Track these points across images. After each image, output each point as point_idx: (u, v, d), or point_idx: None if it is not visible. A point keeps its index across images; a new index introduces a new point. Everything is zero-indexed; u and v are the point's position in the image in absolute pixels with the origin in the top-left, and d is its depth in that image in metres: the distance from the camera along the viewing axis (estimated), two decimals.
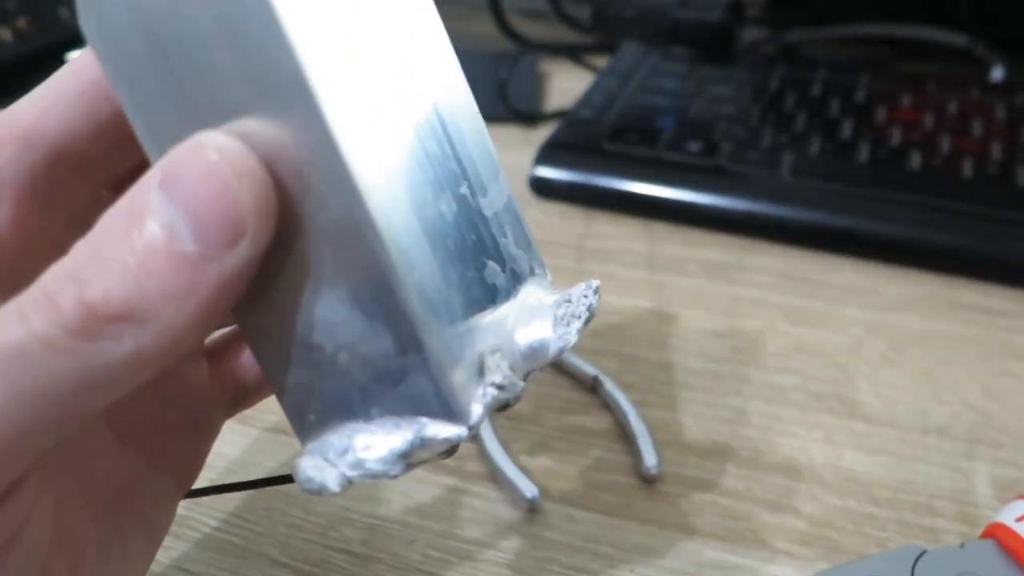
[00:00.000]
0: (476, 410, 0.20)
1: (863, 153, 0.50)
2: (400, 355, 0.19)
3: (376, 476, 0.20)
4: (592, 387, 0.38)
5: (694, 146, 0.51)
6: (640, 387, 0.38)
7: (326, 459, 0.20)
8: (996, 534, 0.28)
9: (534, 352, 0.22)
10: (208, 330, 0.19)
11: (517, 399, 0.21)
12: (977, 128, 0.52)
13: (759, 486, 0.33)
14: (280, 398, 0.21)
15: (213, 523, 0.32)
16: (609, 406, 0.37)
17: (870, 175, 0.48)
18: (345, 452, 0.20)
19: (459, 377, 0.19)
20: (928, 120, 0.53)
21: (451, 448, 0.20)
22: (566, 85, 0.63)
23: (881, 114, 0.54)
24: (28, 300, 0.17)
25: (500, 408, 0.20)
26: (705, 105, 0.55)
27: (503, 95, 0.57)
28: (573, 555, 0.31)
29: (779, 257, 0.46)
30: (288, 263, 0.19)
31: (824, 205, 0.47)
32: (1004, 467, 0.34)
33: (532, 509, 0.32)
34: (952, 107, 0.54)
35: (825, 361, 0.39)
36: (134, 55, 0.19)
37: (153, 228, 0.17)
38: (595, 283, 0.22)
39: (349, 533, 0.32)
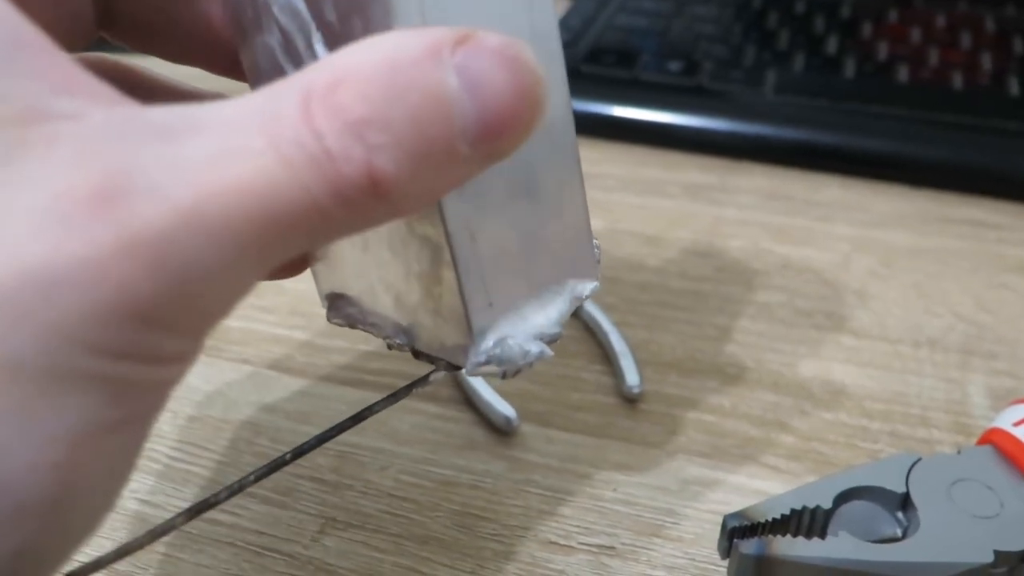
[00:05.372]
0: (598, 267, 0.24)
1: (849, 68, 0.48)
2: (569, 229, 0.22)
3: (554, 339, 0.23)
4: None
5: (674, 66, 0.49)
6: (620, 308, 0.36)
7: (514, 340, 0.22)
8: (993, 439, 0.27)
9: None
10: None
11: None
12: (966, 40, 0.50)
13: (744, 403, 0.32)
14: (467, 295, 0.22)
15: (174, 454, 0.31)
16: (589, 327, 0.35)
17: (856, 90, 0.46)
18: (531, 327, 0.22)
19: None
20: (915, 34, 0.51)
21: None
22: None
23: (867, 29, 0.52)
24: (288, 139, 0.15)
25: None
26: (686, 25, 0.53)
27: None
28: (551, 476, 0.30)
29: (763, 176, 0.45)
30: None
31: (809, 122, 0.45)
32: (1000, 377, 0.33)
33: (509, 431, 0.31)
34: (940, 21, 0.52)
35: (812, 278, 0.38)
36: None
37: (449, 119, 0.15)
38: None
39: (319, 461, 0.30)
